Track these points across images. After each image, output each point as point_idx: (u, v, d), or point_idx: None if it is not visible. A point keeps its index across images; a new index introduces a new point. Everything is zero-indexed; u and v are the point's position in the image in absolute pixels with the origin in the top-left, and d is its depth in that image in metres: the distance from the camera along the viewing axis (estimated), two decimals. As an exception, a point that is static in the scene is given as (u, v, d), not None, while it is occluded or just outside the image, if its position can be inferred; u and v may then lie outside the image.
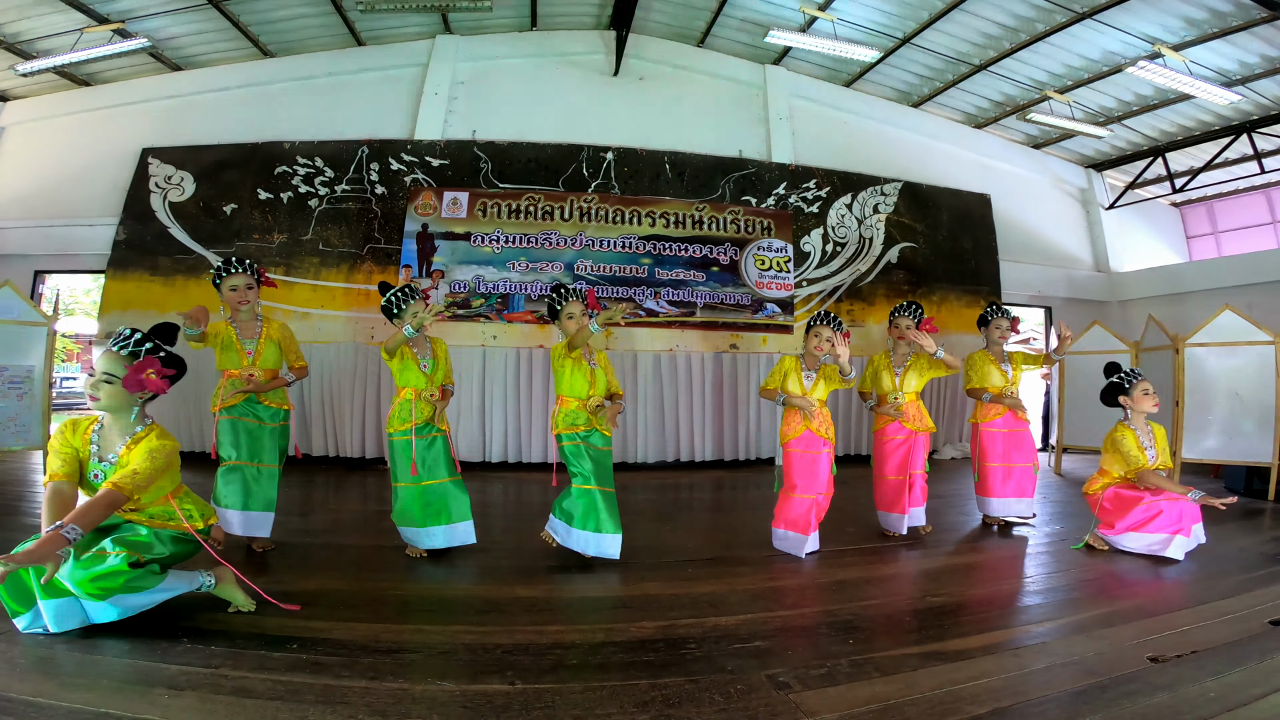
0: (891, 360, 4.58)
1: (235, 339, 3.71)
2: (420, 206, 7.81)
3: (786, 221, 8.56)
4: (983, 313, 4.96)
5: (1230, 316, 6.39)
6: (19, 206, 8.06)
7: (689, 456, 7.83)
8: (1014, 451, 4.73)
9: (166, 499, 2.67)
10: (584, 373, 3.69)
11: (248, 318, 3.80)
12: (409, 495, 3.66)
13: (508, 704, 2.05)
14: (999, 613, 3.07)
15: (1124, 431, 4.20)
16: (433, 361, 3.80)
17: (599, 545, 3.57)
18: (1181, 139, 9.67)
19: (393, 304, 3.78)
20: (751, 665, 2.37)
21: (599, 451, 3.70)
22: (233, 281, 3.71)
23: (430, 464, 3.70)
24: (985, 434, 4.76)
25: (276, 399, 3.83)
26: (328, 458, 7.30)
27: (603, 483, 3.63)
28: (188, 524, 2.66)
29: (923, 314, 4.49)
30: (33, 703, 1.93)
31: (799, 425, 4.01)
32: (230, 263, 3.74)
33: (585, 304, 3.75)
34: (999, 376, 4.73)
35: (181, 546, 2.68)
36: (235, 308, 3.74)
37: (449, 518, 3.68)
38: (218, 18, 7.57)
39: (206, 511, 2.83)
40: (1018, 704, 2.10)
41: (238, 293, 3.71)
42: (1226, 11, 6.83)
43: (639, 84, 8.97)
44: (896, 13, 7.85)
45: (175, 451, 2.64)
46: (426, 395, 3.73)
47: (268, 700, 2.01)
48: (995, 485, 4.70)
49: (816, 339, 4.02)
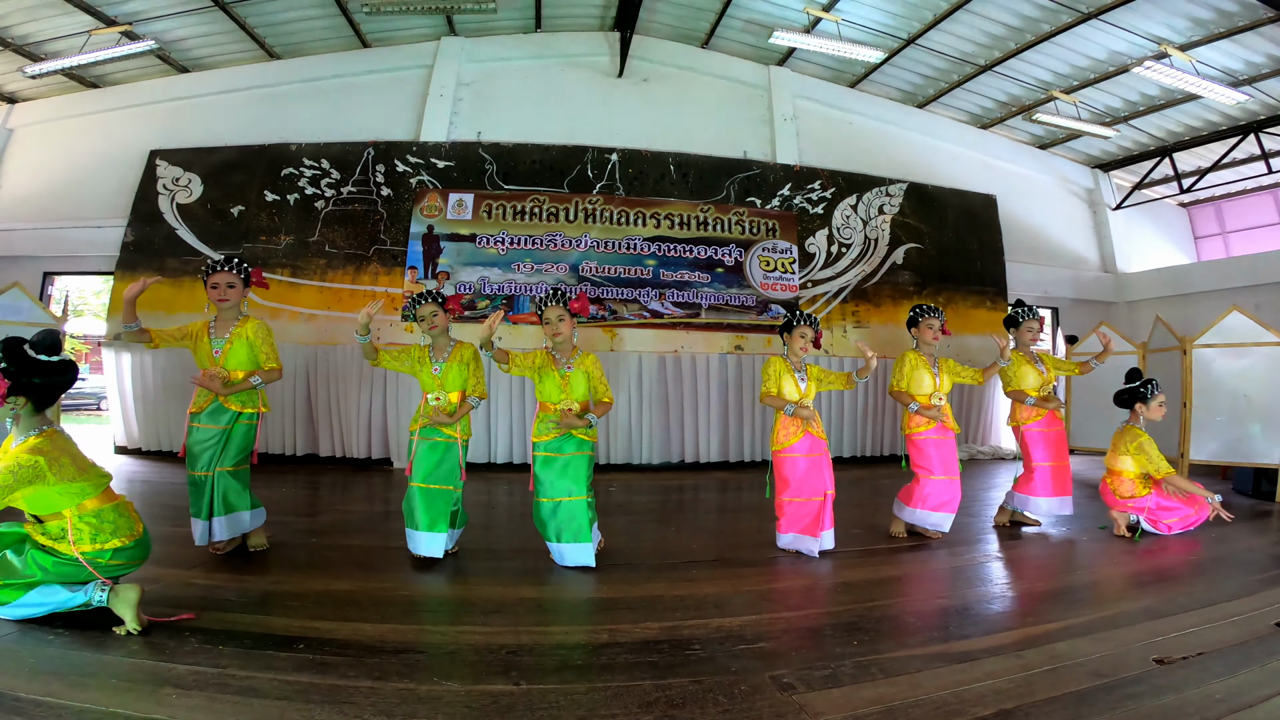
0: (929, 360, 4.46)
1: (206, 338, 3.65)
2: (426, 208, 7.83)
3: (791, 222, 8.55)
4: (1011, 314, 4.88)
5: (1238, 317, 6.35)
6: (28, 208, 8.12)
7: (694, 458, 7.82)
8: (1056, 450, 4.68)
9: (62, 515, 2.53)
10: (554, 379, 3.65)
11: (228, 317, 3.71)
12: (407, 495, 3.67)
13: (512, 704, 2.05)
14: (1004, 614, 3.07)
15: (1145, 437, 4.47)
16: (444, 365, 3.70)
17: (559, 555, 3.55)
18: (1189, 139, 9.63)
19: (408, 309, 3.80)
20: (756, 666, 2.37)
21: (569, 457, 3.62)
22: (213, 279, 3.66)
23: (425, 468, 3.64)
24: (1029, 434, 4.71)
25: (239, 401, 3.64)
26: (334, 458, 7.32)
27: (563, 492, 3.56)
28: (74, 546, 2.50)
29: (943, 319, 4.49)
30: (42, 702, 1.95)
31: (797, 431, 3.98)
32: (217, 261, 3.69)
33: (566, 307, 3.67)
34: (1035, 376, 4.70)
35: (66, 569, 2.51)
36: (216, 305, 3.67)
37: (427, 525, 3.60)
38: (225, 20, 7.62)
39: (122, 530, 2.63)
40: (1023, 705, 2.09)
41: (218, 290, 3.64)
42: (1233, 11, 6.81)
43: (643, 85, 8.99)
44: (901, 13, 7.85)
45: (45, 467, 2.45)
46: (433, 399, 3.71)
47: (274, 700, 2.03)
48: (1042, 484, 4.63)
49: (802, 339, 4.03)
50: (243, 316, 3.76)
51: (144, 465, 6.80)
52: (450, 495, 3.65)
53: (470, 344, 3.80)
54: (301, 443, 7.33)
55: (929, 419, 4.32)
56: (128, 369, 7.33)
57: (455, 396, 3.70)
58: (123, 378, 7.35)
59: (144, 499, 5.35)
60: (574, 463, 3.61)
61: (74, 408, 14.85)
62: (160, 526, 4.28)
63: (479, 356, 3.76)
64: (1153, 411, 4.54)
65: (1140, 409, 4.54)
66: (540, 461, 3.62)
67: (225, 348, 3.63)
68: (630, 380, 7.61)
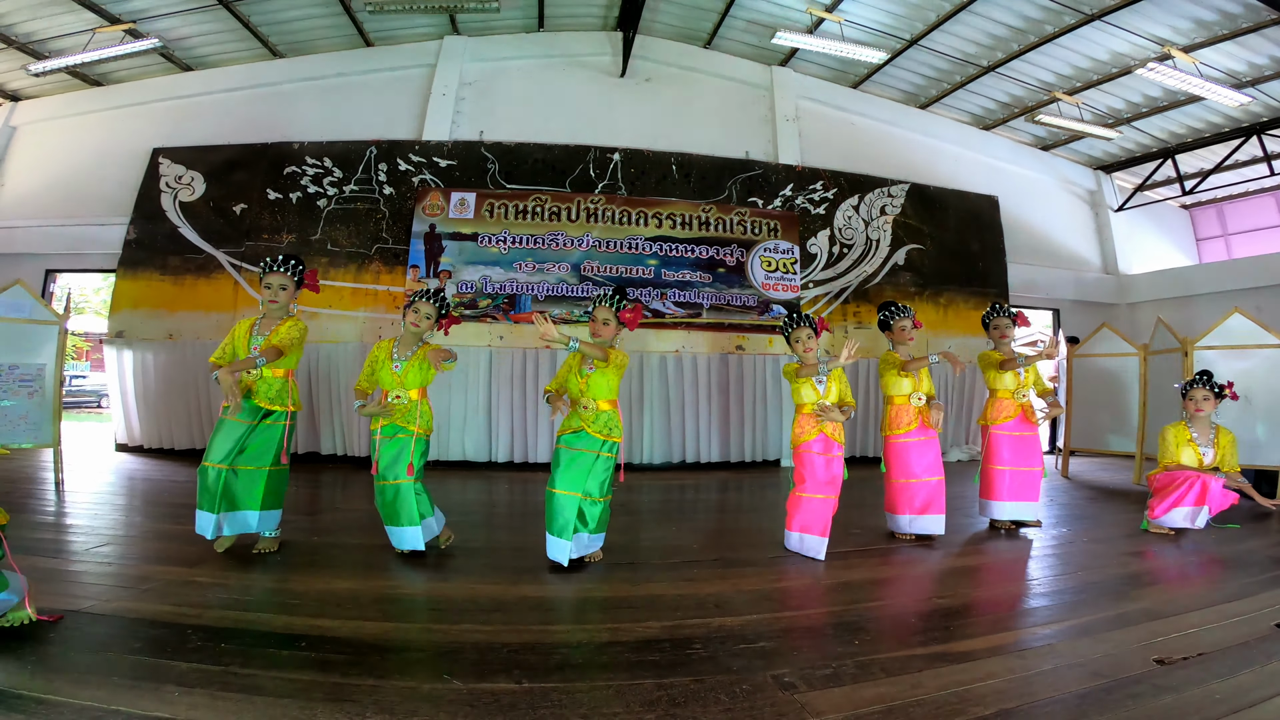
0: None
1: (248, 336, 3.65)
2: (428, 207, 7.84)
3: (793, 223, 8.56)
4: (984, 314, 4.91)
5: (1239, 319, 6.35)
6: (30, 206, 8.15)
7: (694, 458, 7.83)
8: (1021, 455, 4.68)
9: None
10: (575, 379, 3.68)
11: (275, 315, 3.73)
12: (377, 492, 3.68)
13: (514, 703, 2.06)
14: (1005, 615, 3.07)
15: (1170, 428, 4.84)
16: (405, 364, 3.69)
17: (548, 545, 3.52)
18: (1191, 141, 9.63)
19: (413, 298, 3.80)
20: (757, 665, 2.37)
21: (576, 453, 3.60)
22: (267, 280, 3.70)
23: (386, 464, 3.65)
24: (994, 437, 4.71)
25: (266, 398, 3.65)
26: (335, 457, 7.34)
27: (561, 486, 3.53)
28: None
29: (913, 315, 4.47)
30: (44, 700, 1.94)
31: (813, 428, 4.00)
32: (273, 261, 3.71)
33: (617, 316, 3.63)
34: (1012, 378, 4.69)
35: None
36: (267, 305, 3.70)
37: (397, 521, 3.63)
38: (228, 18, 7.64)
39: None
40: (1024, 705, 2.09)
41: (270, 291, 3.68)
42: (1236, 13, 6.82)
43: (646, 85, 9.00)
44: (904, 14, 7.86)
45: None
46: (393, 397, 3.68)
47: (277, 698, 2.02)
48: (1000, 489, 4.66)
49: (798, 344, 4.03)
50: (287, 316, 3.77)
51: (145, 463, 6.82)
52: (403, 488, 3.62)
53: (433, 344, 3.77)
54: (302, 441, 7.33)
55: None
56: (129, 367, 7.34)
57: (415, 394, 3.71)
58: (124, 376, 7.37)
59: (145, 497, 5.38)
60: (580, 459, 3.59)
61: (74, 406, 14.84)
62: (162, 524, 4.32)
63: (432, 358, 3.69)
64: (1185, 407, 4.84)
65: (1184, 404, 4.87)
66: (555, 452, 3.66)
67: (261, 345, 3.62)
68: (631, 380, 7.61)
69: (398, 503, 3.61)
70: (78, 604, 2.72)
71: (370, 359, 3.78)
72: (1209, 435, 4.76)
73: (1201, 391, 4.74)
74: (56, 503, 4.80)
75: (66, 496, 5.04)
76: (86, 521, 4.29)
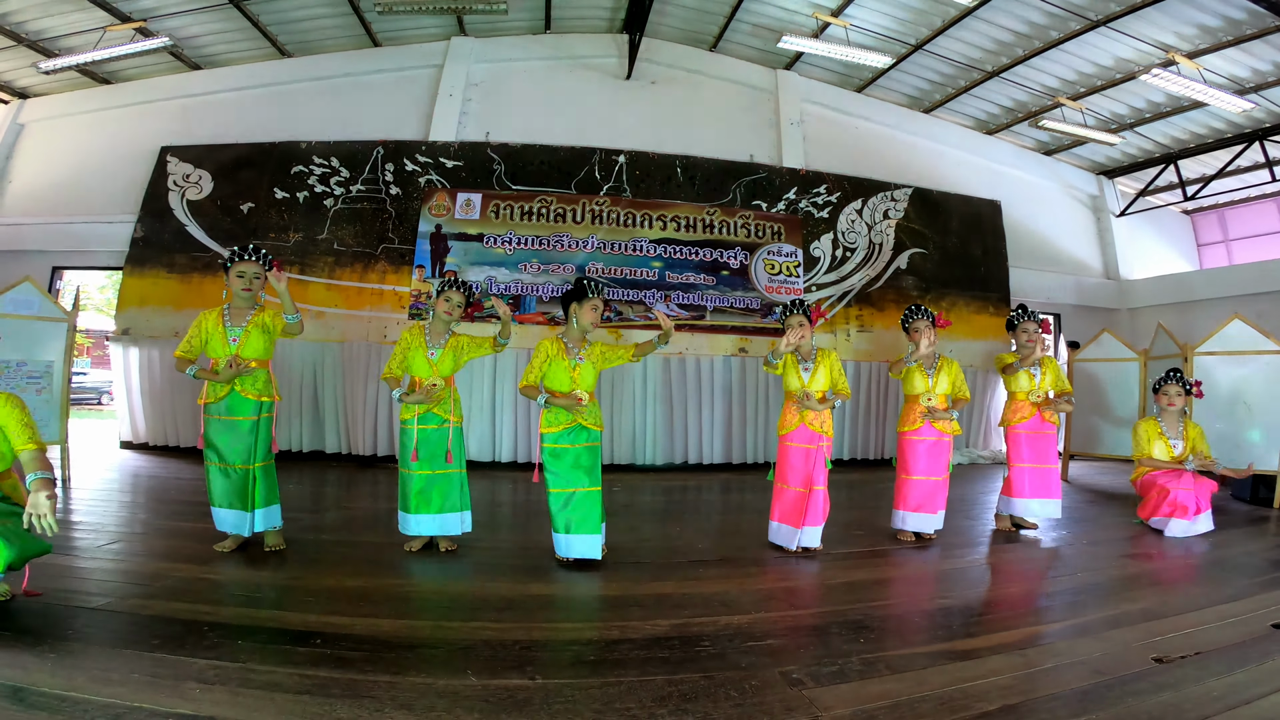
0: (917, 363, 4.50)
1: (221, 326, 3.61)
2: (434, 207, 7.88)
3: (796, 226, 8.60)
4: (1010, 317, 4.95)
5: (1240, 325, 6.39)
6: (38, 203, 8.18)
7: (697, 459, 7.87)
8: (1038, 454, 4.78)
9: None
10: (564, 369, 3.64)
11: (245, 305, 3.69)
12: (404, 481, 3.76)
13: (529, 698, 2.10)
14: (1007, 614, 3.12)
15: (1139, 424, 5.21)
16: (440, 351, 3.81)
17: (567, 546, 3.56)
18: (1194, 146, 9.67)
19: (440, 287, 3.90)
20: (765, 662, 2.41)
21: (580, 449, 3.62)
22: (240, 268, 3.63)
23: (429, 454, 3.76)
24: (1013, 437, 4.84)
25: (255, 389, 3.65)
26: (340, 455, 7.38)
27: (575, 483, 3.57)
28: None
29: (933, 316, 4.52)
30: (66, 697, 1.97)
31: (794, 419, 4.05)
32: (244, 250, 3.67)
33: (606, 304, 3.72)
34: (1026, 379, 4.79)
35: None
36: (242, 295, 3.65)
37: (439, 507, 3.75)
38: (238, 17, 7.68)
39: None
40: (1026, 701, 2.14)
41: (244, 279, 3.63)
42: (1240, 20, 6.85)
43: (651, 87, 9.04)
44: (909, 19, 7.90)
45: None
46: (430, 384, 3.76)
47: (296, 694, 2.06)
48: (1020, 486, 4.74)
49: (789, 332, 4.04)
50: (259, 305, 3.77)
51: (150, 460, 6.85)
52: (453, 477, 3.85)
53: (464, 335, 3.92)
54: (308, 439, 7.38)
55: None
56: (135, 364, 7.38)
57: (448, 382, 3.84)
58: (130, 373, 7.41)
59: (152, 494, 5.41)
60: (585, 454, 3.63)
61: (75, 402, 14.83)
62: (170, 521, 4.36)
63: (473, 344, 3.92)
64: (1159, 400, 5.14)
65: (1158, 399, 5.16)
66: (549, 454, 3.62)
67: (243, 336, 3.62)
68: (634, 381, 7.66)
69: (452, 489, 3.80)
70: (91, 601, 2.75)
71: (401, 345, 3.82)
72: (1178, 429, 5.07)
73: (1175, 388, 5.06)
74: (64, 500, 4.81)
75: (73, 494, 5.06)
76: (94, 519, 4.31)
